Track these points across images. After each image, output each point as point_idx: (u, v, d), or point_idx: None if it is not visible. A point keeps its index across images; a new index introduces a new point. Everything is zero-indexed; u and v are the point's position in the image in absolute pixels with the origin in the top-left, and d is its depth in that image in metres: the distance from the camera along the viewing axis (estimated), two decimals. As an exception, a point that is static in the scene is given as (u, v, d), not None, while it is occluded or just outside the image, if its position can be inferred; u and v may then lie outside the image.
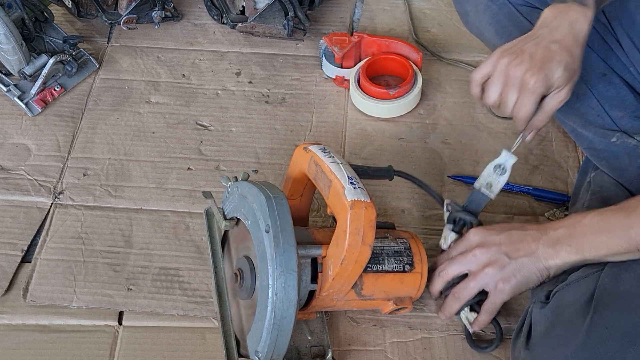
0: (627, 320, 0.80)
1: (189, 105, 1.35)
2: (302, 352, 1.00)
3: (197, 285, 1.10)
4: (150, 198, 1.21)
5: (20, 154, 1.26)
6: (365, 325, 1.06)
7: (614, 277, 0.82)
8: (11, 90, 1.32)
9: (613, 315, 0.81)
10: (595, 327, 0.82)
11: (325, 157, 0.95)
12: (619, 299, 0.81)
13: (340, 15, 1.50)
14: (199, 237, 1.15)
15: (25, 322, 1.06)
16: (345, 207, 0.88)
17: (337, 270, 0.90)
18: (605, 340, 0.81)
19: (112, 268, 1.12)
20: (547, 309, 0.91)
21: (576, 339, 0.84)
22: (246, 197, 0.93)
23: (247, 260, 0.94)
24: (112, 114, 1.33)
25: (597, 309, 0.83)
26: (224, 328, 0.98)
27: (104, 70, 1.40)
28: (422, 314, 1.07)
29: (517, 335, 0.96)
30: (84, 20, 1.48)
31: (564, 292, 0.91)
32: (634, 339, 0.79)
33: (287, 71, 1.40)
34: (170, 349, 1.03)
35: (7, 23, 1.23)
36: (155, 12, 1.43)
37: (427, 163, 1.25)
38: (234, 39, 1.46)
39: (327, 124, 1.32)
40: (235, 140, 1.29)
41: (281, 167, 1.24)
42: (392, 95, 1.29)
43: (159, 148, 1.28)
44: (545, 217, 1.17)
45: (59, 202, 1.20)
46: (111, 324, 1.06)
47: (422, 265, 1.00)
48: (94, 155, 1.27)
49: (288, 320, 0.87)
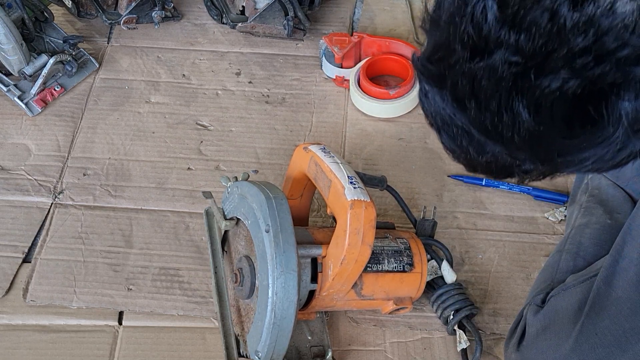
0: (618, 326, 0.79)
1: (189, 105, 1.35)
2: (302, 352, 1.00)
3: (197, 285, 1.10)
4: (150, 198, 1.21)
5: (20, 154, 1.26)
6: (365, 325, 1.06)
7: (607, 282, 0.82)
8: (11, 90, 1.32)
9: (604, 322, 0.80)
10: (585, 332, 0.82)
11: (325, 157, 0.95)
12: (611, 305, 0.80)
13: (340, 15, 1.50)
14: (199, 237, 1.15)
15: (25, 322, 1.06)
16: (345, 207, 0.88)
17: (337, 270, 0.91)
18: (594, 347, 0.80)
19: (112, 268, 1.12)
20: (541, 314, 0.91)
21: (566, 344, 0.83)
22: (246, 197, 0.93)
23: (247, 260, 0.94)
24: (112, 113, 1.33)
25: (589, 314, 0.83)
26: (224, 328, 0.98)
27: (104, 70, 1.40)
28: (422, 314, 1.07)
29: (510, 337, 0.96)
30: (84, 20, 1.48)
31: (560, 297, 0.91)
32: (624, 346, 0.78)
33: (287, 71, 1.40)
34: (170, 349, 1.03)
35: (7, 23, 1.23)
36: (155, 12, 1.43)
37: (427, 163, 1.25)
38: (234, 39, 1.46)
39: (327, 124, 1.32)
40: (235, 140, 1.29)
41: (281, 167, 1.24)
42: (392, 95, 1.29)
43: (159, 148, 1.28)
44: (545, 217, 1.17)
45: (59, 202, 1.20)
46: (111, 324, 1.06)
47: (422, 265, 1.00)
48: (94, 155, 1.27)
49: (288, 320, 0.87)
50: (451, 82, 0.59)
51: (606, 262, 0.82)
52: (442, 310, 1.04)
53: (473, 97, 0.58)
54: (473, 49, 0.56)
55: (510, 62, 0.54)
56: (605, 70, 0.52)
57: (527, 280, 1.10)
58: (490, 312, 1.08)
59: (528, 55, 0.53)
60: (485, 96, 0.57)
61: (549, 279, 0.98)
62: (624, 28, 0.51)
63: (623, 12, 0.51)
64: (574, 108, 0.55)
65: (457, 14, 0.56)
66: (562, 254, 1.00)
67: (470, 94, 0.58)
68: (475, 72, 0.56)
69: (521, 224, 1.17)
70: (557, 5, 0.51)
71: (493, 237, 1.16)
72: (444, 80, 0.60)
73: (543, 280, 0.99)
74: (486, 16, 0.54)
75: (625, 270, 0.79)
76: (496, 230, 1.17)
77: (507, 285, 1.11)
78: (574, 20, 0.51)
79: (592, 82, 0.53)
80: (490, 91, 0.56)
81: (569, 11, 0.51)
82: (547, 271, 1.00)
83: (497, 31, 0.54)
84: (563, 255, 1.00)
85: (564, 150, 0.59)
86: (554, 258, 1.01)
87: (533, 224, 1.17)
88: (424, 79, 0.64)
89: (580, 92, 0.53)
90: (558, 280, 0.95)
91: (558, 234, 1.15)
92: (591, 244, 0.99)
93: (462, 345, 1.02)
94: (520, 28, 0.53)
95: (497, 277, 1.11)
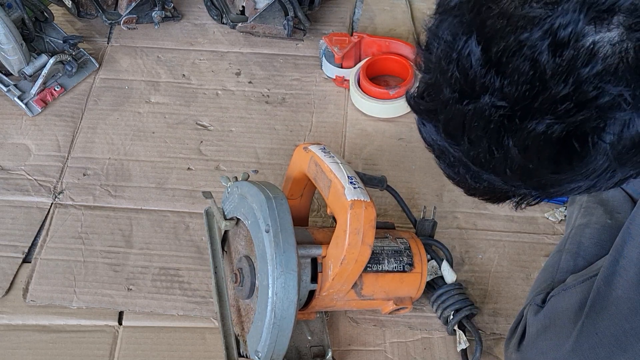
0: (618, 326, 0.79)
1: (189, 105, 1.35)
2: (302, 352, 1.00)
3: (197, 285, 1.10)
4: (150, 198, 1.21)
5: (20, 154, 1.26)
6: (365, 325, 1.06)
7: (607, 282, 0.82)
8: (11, 90, 1.32)
9: (604, 322, 0.80)
10: (585, 332, 0.82)
11: (325, 157, 0.95)
12: (611, 305, 0.80)
13: (340, 15, 1.50)
14: (199, 237, 1.15)
15: (25, 322, 1.06)
16: (345, 207, 0.88)
17: (337, 270, 0.90)
18: (594, 347, 0.80)
19: (112, 268, 1.12)
20: (541, 314, 0.91)
21: (566, 344, 0.83)
22: (246, 197, 0.93)
23: (247, 260, 0.94)
24: (112, 114, 1.33)
25: (589, 314, 0.83)
26: (224, 328, 0.98)
27: (104, 70, 1.40)
28: (422, 314, 1.07)
29: (510, 337, 0.96)
30: (84, 20, 1.48)
31: (560, 297, 0.90)
32: (624, 346, 0.78)
33: (287, 71, 1.40)
34: (170, 349, 1.03)
35: (7, 23, 1.23)
36: (155, 12, 1.43)
37: (427, 163, 1.25)
38: (234, 39, 1.46)
39: (327, 124, 1.32)
40: (235, 140, 1.29)
41: (281, 167, 1.24)
42: (392, 95, 1.29)
43: (159, 148, 1.28)
44: (545, 217, 1.17)
45: (59, 202, 1.20)
46: (111, 324, 1.06)
47: (422, 265, 1.00)
48: (94, 155, 1.27)
49: (288, 320, 0.87)
50: (443, 119, 0.61)
51: (606, 262, 0.82)
52: (442, 310, 1.04)
53: (465, 134, 0.60)
54: (461, 92, 0.57)
55: (497, 106, 0.56)
56: (587, 116, 0.53)
57: (527, 280, 1.10)
58: (490, 312, 1.08)
59: (513, 101, 0.55)
60: (476, 135, 0.58)
61: (549, 279, 0.98)
62: (604, 73, 0.52)
63: (604, 55, 0.51)
64: (560, 147, 0.56)
65: (444, 59, 0.58)
66: (563, 254, 1.00)
67: (462, 132, 0.60)
68: (465, 113, 0.58)
69: (521, 224, 1.17)
70: (537, 53, 0.52)
71: (493, 237, 1.16)
72: (437, 116, 0.62)
73: (543, 280, 0.99)
74: (471, 61, 0.55)
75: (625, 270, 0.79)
76: (496, 230, 1.17)
77: (507, 285, 1.11)
78: (554, 68, 0.52)
79: (575, 126, 0.54)
80: (481, 131, 0.58)
81: (550, 58, 0.52)
82: (547, 271, 1.00)
83: (482, 76, 0.55)
84: (563, 255, 1.00)
85: (555, 182, 0.61)
86: (554, 258, 1.01)
87: (533, 224, 1.17)
88: (418, 114, 0.66)
89: (566, 134, 0.55)
90: (558, 280, 0.95)
91: (558, 234, 1.15)
92: (591, 244, 0.99)
93: (462, 346, 1.02)
94: (504, 74, 0.54)
95: (497, 277, 1.11)
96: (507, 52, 0.54)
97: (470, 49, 0.55)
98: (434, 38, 0.59)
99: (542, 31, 0.52)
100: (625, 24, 0.51)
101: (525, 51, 0.53)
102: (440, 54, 0.58)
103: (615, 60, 0.51)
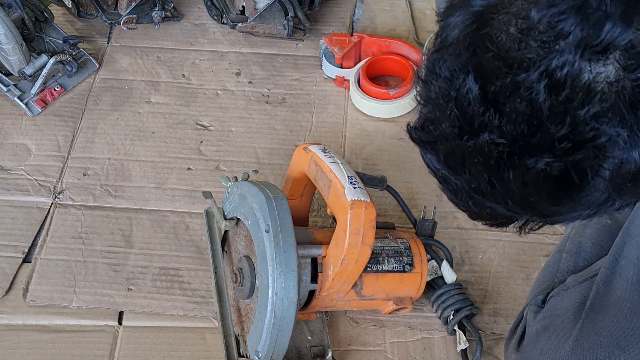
0: (617, 327, 0.79)
1: (189, 105, 1.35)
2: (302, 352, 1.00)
3: (197, 285, 1.10)
4: (150, 198, 1.21)
5: (20, 154, 1.26)
6: (365, 325, 1.06)
7: (607, 282, 0.82)
8: (11, 90, 1.32)
9: (603, 322, 0.80)
10: (585, 333, 0.82)
11: (325, 157, 0.95)
12: (611, 305, 0.80)
13: (340, 15, 1.50)
14: (199, 237, 1.15)
15: (25, 322, 1.06)
16: (345, 207, 0.88)
17: (337, 270, 0.90)
18: (594, 347, 0.81)
19: (112, 268, 1.12)
20: (541, 314, 0.91)
21: (566, 344, 0.83)
22: (246, 197, 0.93)
23: (247, 260, 0.94)
24: (112, 114, 1.33)
25: (589, 314, 0.83)
26: (224, 328, 0.98)
27: (104, 70, 1.40)
28: (422, 314, 1.07)
29: (510, 337, 0.96)
30: (84, 20, 1.48)
31: (560, 297, 0.91)
32: (623, 346, 0.78)
33: (287, 71, 1.40)
34: (170, 349, 1.03)
35: (7, 23, 1.23)
36: (155, 12, 1.43)
37: (427, 163, 1.25)
38: (234, 39, 1.46)
39: (327, 124, 1.32)
40: (235, 140, 1.29)
41: (281, 167, 1.24)
42: (392, 95, 1.29)
43: (159, 148, 1.28)
44: (545, 217, 1.17)
45: (59, 202, 1.20)
46: (111, 324, 1.06)
47: (422, 265, 1.00)
48: (94, 155, 1.27)
49: (288, 320, 0.87)
50: (443, 152, 0.61)
51: (606, 262, 0.82)
52: (442, 310, 1.04)
53: (465, 167, 0.60)
54: (460, 128, 0.57)
55: (496, 143, 0.56)
56: (585, 155, 0.54)
57: (527, 280, 1.10)
58: (490, 312, 1.08)
59: (511, 139, 0.55)
60: (477, 169, 0.59)
61: (549, 279, 0.98)
62: (600, 114, 0.52)
63: (601, 92, 0.51)
64: (560, 181, 0.56)
65: (443, 96, 0.58)
66: (563, 254, 1.00)
67: (462, 165, 0.60)
68: (465, 148, 0.58)
69: (521, 224, 1.17)
70: (534, 94, 0.52)
71: (493, 237, 1.16)
72: (438, 147, 0.62)
73: (543, 281, 0.98)
74: (469, 99, 0.55)
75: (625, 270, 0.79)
76: (496, 230, 1.16)
77: (507, 285, 1.11)
78: (551, 109, 0.52)
79: (574, 164, 0.54)
80: (481, 165, 0.58)
81: (547, 98, 0.52)
82: (547, 271, 1.00)
83: (481, 114, 0.55)
84: (563, 255, 1.00)
85: (555, 212, 0.61)
86: (554, 258, 1.01)
87: (533, 224, 1.17)
88: (418, 145, 0.66)
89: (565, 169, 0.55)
90: (558, 280, 0.95)
91: (558, 234, 1.15)
92: (591, 244, 0.99)
93: (462, 346, 1.02)
94: (502, 112, 0.54)
95: (497, 277, 1.11)
96: (504, 92, 0.54)
97: (469, 87, 0.55)
98: (432, 75, 0.59)
99: (538, 73, 0.52)
100: (621, 62, 0.51)
101: (522, 92, 0.53)
102: (439, 90, 0.58)
103: (612, 97, 0.51)
